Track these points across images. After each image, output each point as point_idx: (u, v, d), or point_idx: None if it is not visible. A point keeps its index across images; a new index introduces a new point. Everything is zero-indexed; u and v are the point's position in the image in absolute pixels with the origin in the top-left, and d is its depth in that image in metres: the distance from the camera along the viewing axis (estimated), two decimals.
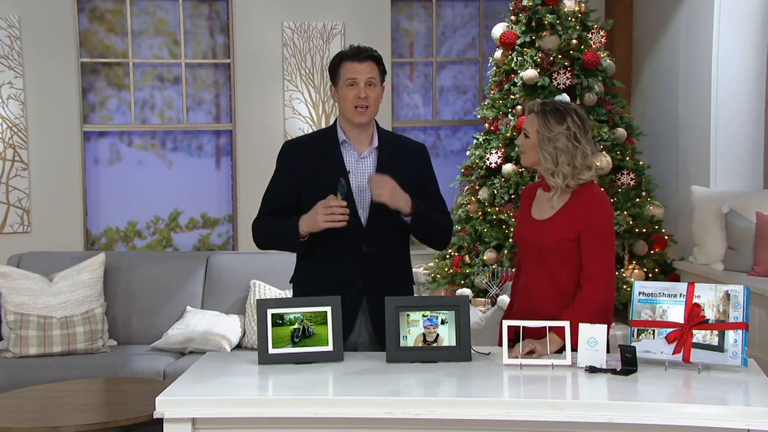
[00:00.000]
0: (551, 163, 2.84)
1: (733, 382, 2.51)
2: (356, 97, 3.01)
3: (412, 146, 3.23)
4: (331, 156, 3.07)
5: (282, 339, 2.78)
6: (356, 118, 3.04)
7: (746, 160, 5.35)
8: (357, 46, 3.08)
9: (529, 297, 2.95)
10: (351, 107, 3.02)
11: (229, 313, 4.82)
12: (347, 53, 3.06)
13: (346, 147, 3.08)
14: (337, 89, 3.06)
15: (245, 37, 6.56)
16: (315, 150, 3.10)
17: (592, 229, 2.82)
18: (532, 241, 2.93)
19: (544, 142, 2.84)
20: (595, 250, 2.81)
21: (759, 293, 4.18)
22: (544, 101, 2.95)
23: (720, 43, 5.30)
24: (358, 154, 3.08)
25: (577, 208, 2.85)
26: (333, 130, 3.13)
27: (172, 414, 2.45)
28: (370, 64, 3.04)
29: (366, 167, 3.07)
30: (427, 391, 2.53)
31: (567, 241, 2.84)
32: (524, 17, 5.58)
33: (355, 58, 3.03)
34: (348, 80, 3.01)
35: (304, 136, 3.36)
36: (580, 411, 2.36)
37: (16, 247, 5.82)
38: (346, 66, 3.03)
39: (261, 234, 3.16)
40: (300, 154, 3.11)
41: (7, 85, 6.29)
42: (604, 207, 2.86)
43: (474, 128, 6.62)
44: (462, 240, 5.58)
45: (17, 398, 3.70)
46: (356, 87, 3.01)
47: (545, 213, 2.93)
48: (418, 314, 2.78)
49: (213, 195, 6.80)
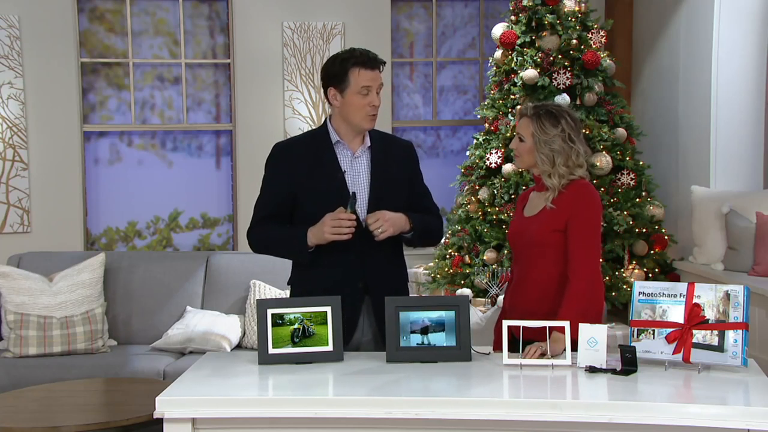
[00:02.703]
0: (548, 165, 2.90)
1: (733, 382, 2.51)
2: (370, 105, 3.00)
3: (401, 144, 3.24)
4: (325, 156, 3.06)
5: (282, 339, 2.79)
6: (366, 124, 3.04)
7: (746, 160, 5.35)
8: (366, 52, 3.02)
9: (519, 293, 3.00)
10: (363, 114, 3.01)
11: (229, 313, 4.82)
12: (359, 59, 2.99)
13: (339, 147, 3.08)
14: (344, 94, 3.01)
15: (245, 37, 6.56)
16: (308, 151, 3.08)
17: (577, 218, 2.87)
18: (521, 237, 2.99)
19: (541, 144, 2.90)
20: (579, 240, 2.86)
21: (759, 293, 4.18)
22: (536, 105, 3.00)
23: (720, 43, 5.30)
24: (351, 153, 3.08)
25: (564, 199, 2.91)
26: (324, 130, 3.11)
27: (172, 414, 2.45)
28: (379, 71, 3.03)
29: (360, 166, 3.08)
30: (427, 391, 2.53)
31: (555, 232, 2.89)
32: (524, 17, 5.58)
33: (369, 66, 2.99)
34: (363, 88, 2.98)
35: (294, 137, 3.28)
36: (580, 411, 2.36)
37: (16, 247, 5.82)
38: (359, 73, 2.98)
39: (260, 242, 3.13)
40: (293, 155, 3.09)
41: (7, 85, 6.29)
42: (590, 198, 2.91)
43: (474, 128, 6.62)
44: (462, 240, 5.57)
45: (17, 398, 3.70)
46: (370, 95, 3.00)
47: (535, 209, 2.99)
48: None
49: (213, 195, 6.80)
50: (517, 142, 2.98)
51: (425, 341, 2.78)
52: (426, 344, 2.78)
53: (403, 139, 3.33)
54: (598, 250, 2.93)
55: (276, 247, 3.14)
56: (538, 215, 2.96)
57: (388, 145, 3.17)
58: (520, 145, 2.97)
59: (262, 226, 3.10)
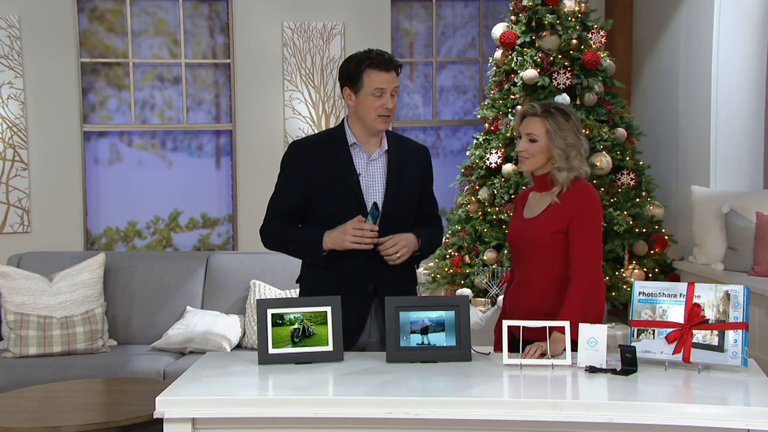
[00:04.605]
0: (563, 161, 2.91)
1: (733, 382, 2.51)
2: (383, 107, 2.99)
3: (417, 149, 3.23)
4: (341, 158, 3.05)
5: (282, 339, 2.79)
6: (379, 125, 3.02)
7: (746, 160, 5.35)
8: (382, 53, 3.00)
9: (520, 294, 3.00)
10: (375, 116, 2.99)
11: (229, 313, 4.82)
12: (374, 61, 2.98)
13: (356, 149, 3.06)
14: (358, 95, 3.00)
15: (245, 37, 6.56)
16: (325, 151, 3.07)
17: (579, 219, 2.88)
18: (522, 238, 2.99)
19: (558, 140, 2.90)
20: (580, 241, 2.87)
21: (759, 293, 4.18)
22: (541, 103, 3.00)
23: (720, 43, 5.30)
24: (368, 156, 3.07)
25: (565, 201, 2.92)
26: (341, 131, 3.10)
27: (172, 414, 2.45)
28: (395, 73, 3.01)
29: (376, 170, 3.07)
30: (427, 391, 2.53)
31: (557, 234, 2.89)
32: (524, 17, 5.58)
33: (383, 67, 2.97)
34: (376, 90, 2.96)
35: (311, 136, 3.28)
36: (580, 411, 2.36)
37: (16, 247, 5.82)
38: (374, 75, 2.97)
39: (274, 239, 3.12)
40: (309, 154, 3.07)
41: (7, 85, 6.29)
42: (591, 199, 2.93)
43: (474, 128, 6.62)
44: (462, 240, 5.57)
45: (17, 398, 3.70)
46: (384, 97, 2.98)
47: (536, 210, 3.00)
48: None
49: (213, 195, 6.80)
50: (527, 143, 2.95)
51: (425, 341, 2.78)
52: (426, 344, 2.78)
53: (419, 143, 3.31)
54: (599, 251, 2.94)
55: (290, 246, 3.13)
56: (540, 217, 2.96)
57: (404, 149, 3.16)
58: (531, 146, 2.95)
59: (276, 224, 3.09)
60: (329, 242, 2.96)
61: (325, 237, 2.96)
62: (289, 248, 3.15)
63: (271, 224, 3.10)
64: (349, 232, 2.92)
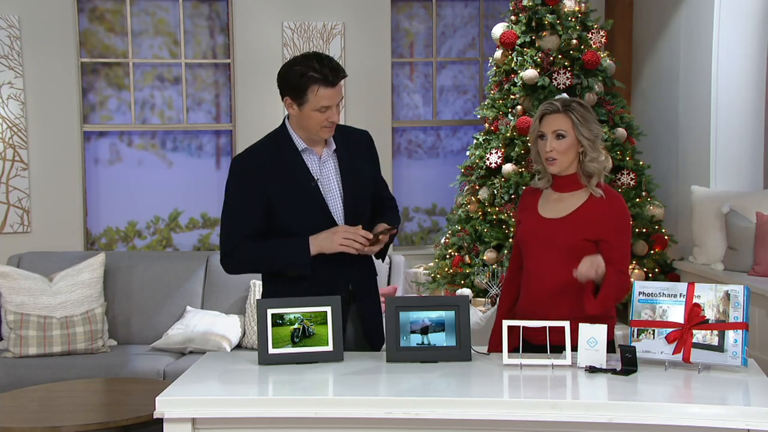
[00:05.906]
0: (593, 150, 2.89)
1: (733, 382, 2.51)
2: (328, 120, 2.88)
3: (360, 137, 3.11)
4: (293, 165, 2.94)
5: (282, 339, 2.79)
6: (325, 135, 2.93)
7: (746, 160, 5.35)
8: (326, 64, 2.83)
9: (546, 297, 2.89)
10: (320, 127, 2.89)
11: (229, 313, 4.82)
12: (320, 76, 2.81)
13: (306, 153, 2.98)
14: (301, 108, 2.87)
15: (245, 37, 6.55)
16: (273, 158, 2.95)
17: (621, 229, 2.89)
18: (539, 237, 2.91)
19: (585, 130, 2.87)
20: (624, 247, 2.89)
21: (759, 293, 4.18)
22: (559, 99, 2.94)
23: (720, 43, 5.30)
24: (318, 158, 2.98)
25: (603, 212, 2.88)
26: (286, 134, 2.99)
27: (172, 414, 2.45)
28: (341, 85, 2.87)
29: (329, 171, 2.99)
30: (427, 391, 2.53)
31: (586, 241, 2.85)
32: (524, 17, 5.58)
33: (330, 83, 2.82)
34: (322, 107, 2.84)
35: (254, 145, 3.07)
36: (580, 411, 2.36)
37: (16, 247, 5.82)
38: (321, 92, 2.82)
39: (245, 261, 2.96)
40: (260, 165, 2.95)
41: (7, 85, 6.28)
42: (624, 206, 2.94)
43: (474, 128, 6.61)
44: (462, 240, 5.57)
45: (17, 398, 3.70)
46: (329, 111, 2.85)
47: (560, 211, 2.92)
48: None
49: (213, 195, 6.78)
50: (555, 141, 2.87)
51: (425, 341, 2.78)
52: (426, 344, 2.78)
53: (359, 129, 3.17)
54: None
55: (268, 262, 2.96)
56: (566, 220, 2.89)
57: (350, 141, 3.06)
58: (559, 143, 2.87)
59: (245, 246, 2.92)
60: (316, 246, 2.87)
61: (311, 241, 2.88)
62: (266, 264, 2.98)
63: (240, 248, 2.92)
64: (340, 233, 2.86)
